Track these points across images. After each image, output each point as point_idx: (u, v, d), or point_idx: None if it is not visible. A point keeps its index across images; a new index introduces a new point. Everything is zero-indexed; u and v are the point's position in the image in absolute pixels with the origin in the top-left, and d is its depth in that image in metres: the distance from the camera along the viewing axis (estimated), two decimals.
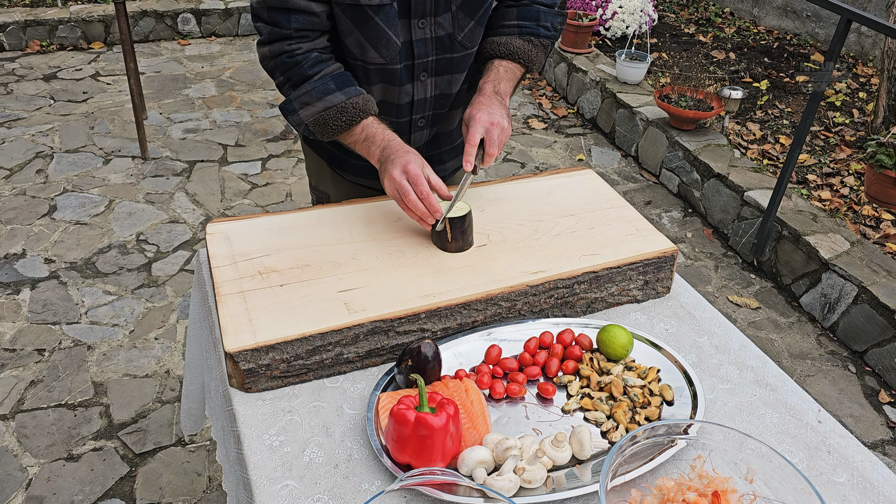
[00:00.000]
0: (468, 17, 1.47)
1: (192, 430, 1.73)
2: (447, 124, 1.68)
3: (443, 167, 1.74)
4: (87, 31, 5.28)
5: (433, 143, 1.69)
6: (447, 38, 1.47)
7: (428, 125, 1.63)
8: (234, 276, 1.31)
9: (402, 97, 1.53)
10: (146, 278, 3.07)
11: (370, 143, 1.43)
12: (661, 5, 6.04)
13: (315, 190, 1.82)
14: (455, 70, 1.54)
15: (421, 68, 1.49)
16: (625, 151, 4.37)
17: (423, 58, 1.48)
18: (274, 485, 1.04)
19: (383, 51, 1.43)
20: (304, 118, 1.43)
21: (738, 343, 1.36)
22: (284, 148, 4.15)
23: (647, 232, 1.50)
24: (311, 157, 1.78)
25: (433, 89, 1.55)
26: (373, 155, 1.44)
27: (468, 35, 1.50)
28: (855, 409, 2.69)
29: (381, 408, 1.12)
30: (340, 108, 1.41)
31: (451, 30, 1.47)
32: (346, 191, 1.74)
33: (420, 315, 1.25)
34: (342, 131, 1.44)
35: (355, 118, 1.42)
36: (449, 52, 1.50)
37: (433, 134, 1.67)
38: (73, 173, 3.78)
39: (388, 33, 1.40)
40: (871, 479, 1.10)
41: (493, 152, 1.43)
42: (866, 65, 5.00)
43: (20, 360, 2.64)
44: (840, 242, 3.14)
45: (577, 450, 1.08)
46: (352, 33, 1.41)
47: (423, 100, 1.55)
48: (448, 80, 1.55)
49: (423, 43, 1.46)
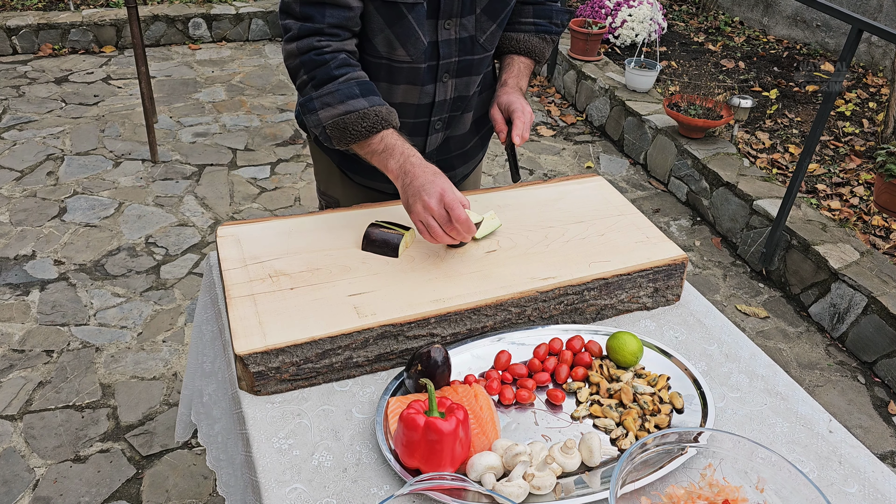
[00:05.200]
0: (490, 20, 1.49)
1: (183, 437, 1.74)
2: (460, 128, 1.68)
3: (453, 173, 1.74)
4: (98, 35, 5.31)
5: (444, 148, 1.69)
6: (469, 40, 1.50)
7: (444, 128, 1.63)
8: (244, 279, 1.31)
9: (423, 97, 1.53)
10: (155, 281, 3.08)
11: (388, 155, 1.39)
12: (670, 14, 6.05)
13: (323, 195, 1.81)
14: (474, 72, 1.56)
15: (444, 69, 1.51)
16: (633, 159, 4.37)
17: (447, 58, 1.49)
18: (283, 488, 1.04)
19: (411, 49, 1.44)
20: (323, 119, 1.39)
21: (748, 352, 1.35)
22: (293, 152, 4.16)
23: (658, 239, 1.50)
24: (320, 161, 1.77)
25: (453, 90, 1.56)
26: (390, 168, 1.40)
27: (489, 38, 1.52)
28: (864, 420, 2.67)
29: (390, 412, 1.12)
30: (362, 113, 1.37)
31: (474, 32, 1.49)
32: (354, 195, 1.73)
33: (430, 320, 1.25)
34: (360, 139, 1.40)
35: (376, 126, 1.38)
36: (470, 54, 1.52)
37: (445, 138, 1.68)
38: (84, 176, 3.80)
39: (418, 32, 1.42)
40: (882, 490, 1.10)
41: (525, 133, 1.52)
42: (876, 74, 4.99)
43: (29, 361, 2.65)
44: (849, 252, 3.13)
45: (586, 457, 1.08)
46: (382, 31, 1.42)
47: (444, 101, 1.56)
48: (466, 81, 1.57)
49: (447, 44, 1.47)
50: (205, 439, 1.56)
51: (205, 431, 1.56)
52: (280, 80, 5.06)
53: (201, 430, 1.58)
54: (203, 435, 1.57)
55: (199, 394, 1.58)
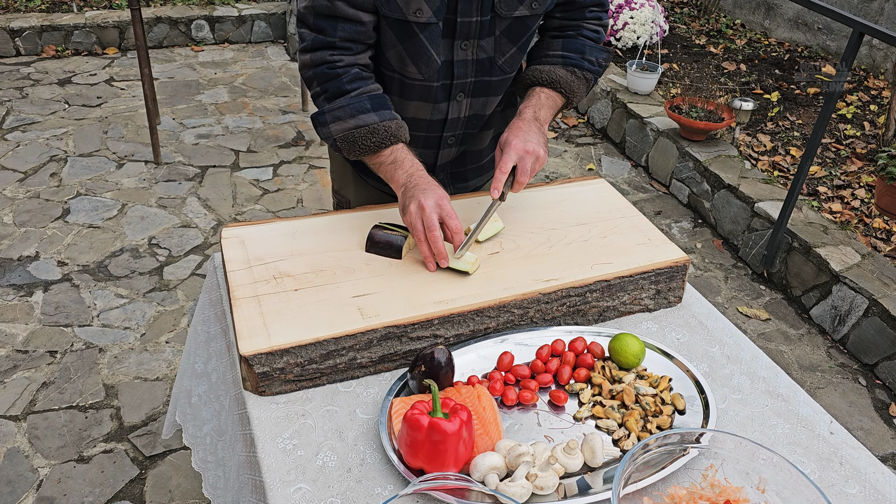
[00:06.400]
0: (511, 43, 1.46)
1: (168, 435, 1.75)
2: (476, 143, 1.68)
3: (465, 185, 1.75)
4: (101, 37, 5.33)
5: (459, 161, 1.69)
6: (487, 62, 1.47)
7: (457, 143, 1.63)
8: (248, 280, 1.32)
9: (435, 114, 1.52)
10: (158, 282, 3.09)
11: (396, 168, 1.41)
12: (671, 16, 6.06)
13: (337, 194, 1.82)
14: (491, 93, 1.54)
15: (458, 88, 1.49)
16: (635, 161, 4.38)
17: (462, 78, 1.48)
18: (287, 488, 1.05)
19: (422, 67, 1.42)
20: (334, 132, 1.42)
21: (749, 353, 1.36)
22: (296, 154, 4.17)
23: (659, 241, 1.51)
24: (335, 161, 1.78)
25: (468, 109, 1.54)
26: (397, 180, 1.42)
27: (509, 60, 1.49)
28: (865, 423, 2.68)
29: (394, 413, 1.13)
30: (372, 128, 1.39)
31: (493, 53, 1.46)
32: (366, 196, 1.73)
33: (433, 321, 1.26)
34: (369, 152, 1.42)
35: (385, 142, 1.40)
36: (488, 75, 1.49)
37: (461, 152, 1.67)
38: (87, 177, 3.81)
39: (430, 51, 1.40)
40: (883, 491, 1.10)
41: (523, 181, 1.41)
42: (877, 77, 5.00)
43: (32, 361, 2.66)
44: (851, 255, 3.13)
45: (588, 457, 1.09)
46: (394, 46, 1.41)
47: (457, 119, 1.55)
48: (483, 101, 1.55)
49: (463, 64, 1.45)
50: (190, 440, 1.56)
51: (191, 432, 1.56)
52: (282, 81, 5.08)
53: (187, 431, 1.58)
54: (189, 436, 1.57)
55: (188, 394, 1.58)
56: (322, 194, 3.81)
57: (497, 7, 1.39)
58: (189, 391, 1.58)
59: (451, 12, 1.37)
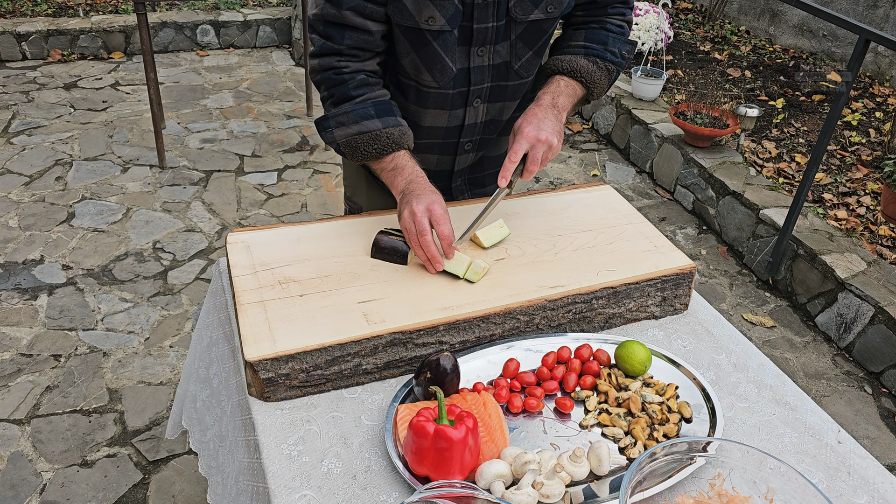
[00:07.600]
0: (527, 47, 1.46)
1: (171, 436, 1.76)
2: (494, 149, 1.68)
3: (483, 190, 1.75)
4: (107, 42, 5.35)
5: (477, 166, 1.69)
6: (503, 66, 1.47)
7: (474, 149, 1.63)
8: (254, 285, 1.32)
9: (452, 120, 1.52)
10: (162, 286, 3.09)
11: (397, 174, 1.43)
12: (676, 23, 6.06)
13: (349, 201, 1.82)
14: (508, 98, 1.54)
15: (475, 94, 1.49)
16: (639, 168, 4.37)
17: (479, 84, 1.47)
18: (292, 494, 1.05)
19: (437, 75, 1.43)
20: (337, 137, 1.43)
21: (756, 361, 1.35)
22: (300, 159, 4.17)
23: (666, 248, 1.50)
24: (349, 167, 1.78)
25: (484, 115, 1.54)
26: (396, 185, 1.43)
27: (525, 65, 1.48)
28: (871, 431, 2.66)
29: (399, 419, 1.12)
30: (374, 135, 1.40)
31: (508, 58, 1.46)
32: (377, 201, 1.72)
33: (438, 328, 1.25)
34: (371, 158, 1.43)
35: (387, 148, 1.41)
36: (504, 80, 1.49)
37: (478, 157, 1.67)
38: (92, 181, 3.82)
39: (445, 59, 1.40)
40: (892, 501, 1.10)
41: (533, 169, 1.39)
42: (883, 84, 4.99)
43: (36, 365, 2.66)
44: (856, 262, 3.12)
45: (594, 465, 1.08)
46: (409, 54, 1.41)
47: (474, 125, 1.55)
48: (500, 107, 1.54)
49: (479, 70, 1.45)
50: (197, 445, 1.56)
51: (197, 437, 1.56)
52: (287, 86, 5.09)
53: (193, 436, 1.58)
54: (195, 441, 1.57)
55: (193, 399, 1.58)
56: (326, 199, 3.81)
57: (512, 11, 1.38)
58: (195, 396, 1.57)
59: (466, 19, 1.37)
